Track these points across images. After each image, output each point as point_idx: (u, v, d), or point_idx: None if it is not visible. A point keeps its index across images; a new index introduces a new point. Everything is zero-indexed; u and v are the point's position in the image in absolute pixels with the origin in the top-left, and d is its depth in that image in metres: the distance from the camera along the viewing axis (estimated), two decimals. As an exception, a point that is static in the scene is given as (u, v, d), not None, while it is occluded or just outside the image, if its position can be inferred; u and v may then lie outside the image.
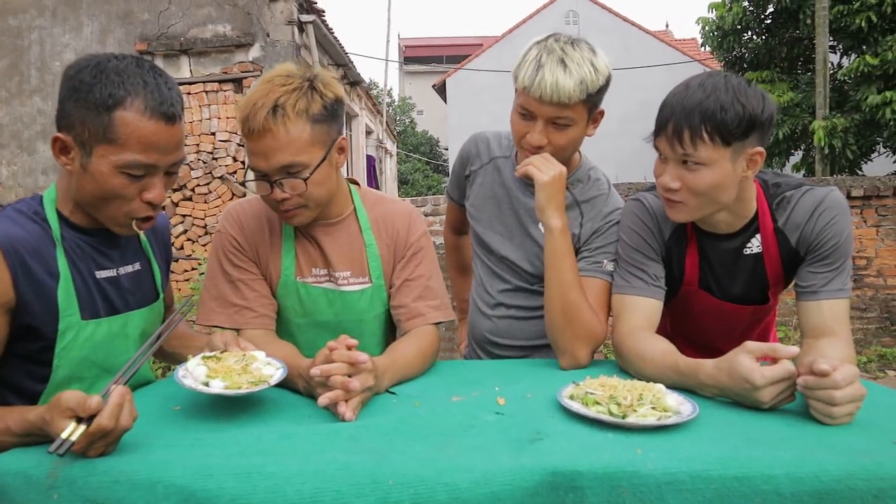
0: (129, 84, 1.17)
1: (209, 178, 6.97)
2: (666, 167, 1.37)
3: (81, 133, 1.18)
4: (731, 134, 1.28)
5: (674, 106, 1.31)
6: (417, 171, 28.09)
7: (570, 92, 1.45)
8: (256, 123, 1.35)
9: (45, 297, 1.22)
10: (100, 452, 0.99)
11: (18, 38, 7.23)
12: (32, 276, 1.20)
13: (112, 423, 0.97)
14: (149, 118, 1.18)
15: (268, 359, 1.27)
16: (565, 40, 1.50)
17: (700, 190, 1.33)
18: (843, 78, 10.00)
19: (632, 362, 1.40)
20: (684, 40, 23.97)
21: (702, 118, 1.27)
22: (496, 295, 1.79)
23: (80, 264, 1.29)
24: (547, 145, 1.53)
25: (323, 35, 7.85)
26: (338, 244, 1.57)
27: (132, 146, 1.17)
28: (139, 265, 1.43)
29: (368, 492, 0.89)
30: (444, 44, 41.32)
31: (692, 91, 1.30)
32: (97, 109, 1.16)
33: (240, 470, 0.93)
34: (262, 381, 1.17)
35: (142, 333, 1.40)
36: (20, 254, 1.18)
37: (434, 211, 6.28)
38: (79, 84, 1.17)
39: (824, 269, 1.39)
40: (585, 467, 0.92)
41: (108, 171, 1.19)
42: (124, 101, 1.16)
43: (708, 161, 1.30)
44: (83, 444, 0.97)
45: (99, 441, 0.98)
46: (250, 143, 1.38)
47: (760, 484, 0.90)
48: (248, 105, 1.36)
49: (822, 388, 1.08)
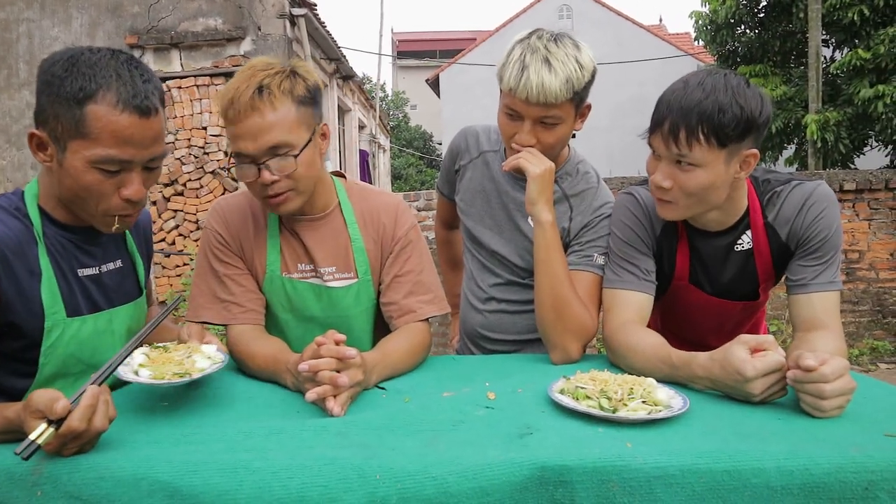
0: (100, 77, 1.13)
1: (201, 173, 6.94)
2: (659, 164, 1.36)
3: (55, 128, 1.15)
4: (728, 136, 1.27)
5: (671, 104, 1.29)
6: (411, 166, 28.02)
7: (556, 92, 1.44)
8: (242, 105, 1.33)
9: (27, 295, 1.20)
10: (74, 452, 0.98)
11: (6, 31, 7.16)
12: (14, 274, 1.18)
13: (83, 425, 0.95)
14: (121, 111, 1.13)
15: (212, 353, 1.25)
16: (548, 37, 1.48)
17: (691, 190, 1.32)
18: (835, 72, 10.02)
19: (623, 356, 1.40)
20: (678, 34, 24.00)
21: (699, 119, 1.26)
22: (487, 289, 1.78)
23: (62, 262, 1.26)
24: (536, 144, 1.52)
25: (315, 29, 7.81)
26: (322, 240, 1.55)
27: (105, 141, 1.14)
28: (121, 262, 1.40)
29: (356, 486, 0.88)
30: (438, 38, 41.20)
31: (691, 90, 1.28)
32: (69, 103, 1.13)
33: (226, 466, 0.92)
34: (186, 373, 1.15)
35: (127, 329, 1.39)
36: (2, 251, 1.16)
37: (427, 206, 6.27)
38: (51, 78, 1.14)
39: (814, 262, 1.39)
40: (575, 462, 0.91)
41: (82, 167, 1.15)
42: (95, 94, 1.13)
43: (702, 162, 1.29)
44: (54, 446, 0.95)
45: (72, 442, 0.96)
46: (236, 126, 1.36)
47: (750, 477, 0.90)
48: (231, 90, 1.35)
49: (812, 381, 1.08)
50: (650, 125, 1.36)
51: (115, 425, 1.10)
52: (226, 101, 1.35)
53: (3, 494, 0.94)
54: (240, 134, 1.36)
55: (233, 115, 1.35)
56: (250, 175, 1.39)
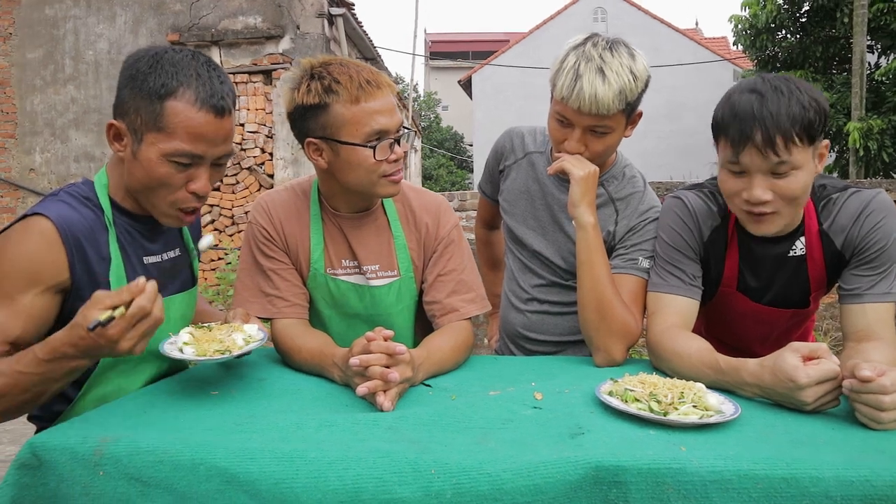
0: (182, 75, 1.20)
1: (237, 169, 7.05)
2: (749, 181, 1.31)
3: (134, 120, 1.22)
4: (817, 131, 1.27)
5: (756, 116, 1.27)
6: (441, 167, 28.08)
7: (608, 104, 1.43)
8: (379, 81, 1.40)
9: (96, 281, 1.24)
10: (133, 344, 1.04)
11: (54, 28, 7.37)
12: (87, 260, 1.23)
13: (150, 305, 1.02)
14: (198, 109, 1.20)
15: (253, 332, 1.30)
16: (604, 45, 1.47)
17: (795, 194, 1.30)
18: (879, 78, 9.78)
19: (667, 360, 1.38)
20: (714, 39, 23.66)
21: (791, 122, 1.25)
22: (529, 290, 1.78)
23: (129, 250, 1.32)
24: (584, 152, 1.52)
25: (352, 28, 7.88)
26: (365, 238, 1.57)
27: (180, 135, 1.20)
28: (179, 251, 1.46)
29: (411, 480, 0.89)
30: (471, 39, 41.19)
31: (770, 97, 1.27)
32: (150, 98, 1.20)
33: (282, 454, 0.94)
34: (227, 350, 1.21)
35: (181, 316, 1.43)
36: (77, 237, 1.22)
37: (461, 206, 6.26)
38: (136, 73, 1.21)
39: (870, 272, 1.36)
40: (629, 463, 0.91)
41: (156, 159, 1.22)
42: (176, 91, 1.19)
43: (800, 164, 1.28)
44: (122, 327, 1.01)
45: (136, 327, 1.03)
46: (372, 102, 1.39)
47: (809, 486, 0.88)
48: (348, 72, 1.39)
49: (870, 392, 1.06)
50: (732, 143, 1.30)
51: (172, 411, 1.13)
52: (353, 81, 1.38)
53: (68, 472, 0.97)
54: (378, 110, 1.40)
55: (368, 92, 1.39)
56: (384, 152, 1.42)
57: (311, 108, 1.40)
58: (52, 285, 1.19)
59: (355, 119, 1.38)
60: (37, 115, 7.44)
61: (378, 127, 1.39)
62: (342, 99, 1.37)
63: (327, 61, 1.42)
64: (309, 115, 1.41)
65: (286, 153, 7.02)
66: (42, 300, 1.19)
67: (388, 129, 1.40)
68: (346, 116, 1.38)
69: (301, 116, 1.43)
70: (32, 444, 1.00)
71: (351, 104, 1.38)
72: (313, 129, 1.42)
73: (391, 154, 1.42)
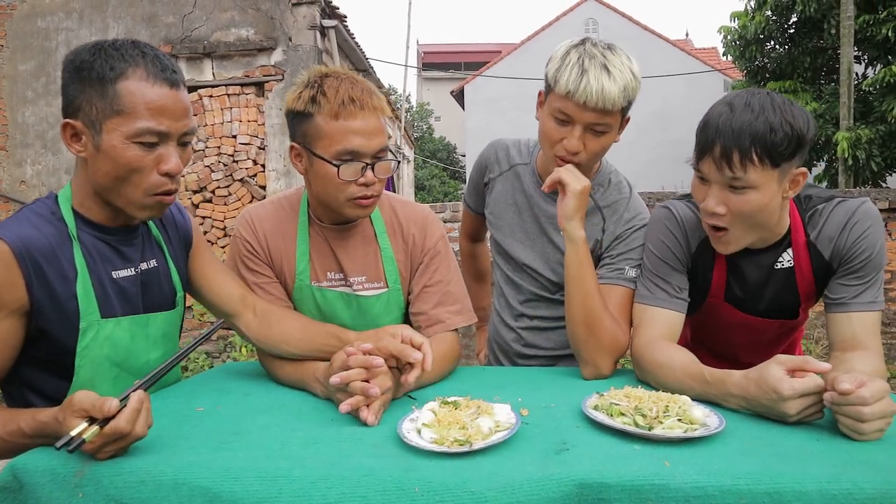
0: (128, 55, 1.18)
1: (229, 181, 7.04)
2: (709, 190, 1.33)
3: (89, 112, 1.18)
4: (781, 155, 1.25)
5: (719, 127, 1.27)
6: (434, 178, 28.11)
7: (614, 98, 1.44)
8: (364, 102, 1.39)
9: (59, 300, 1.21)
10: (109, 456, 1.00)
11: (46, 40, 7.36)
12: (47, 280, 1.19)
13: (129, 427, 0.98)
14: (153, 83, 1.18)
15: (504, 415, 1.13)
16: (603, 46, 1.49)
17: (746, 212, 1.30)
18: (867, 88, 9.87)
19: (652, 373, 1.38)
20: (704, 49, 23.85)
21: (752, 140, 1.24)
22: (517, 306, 1.78)
23: (97, 264, 1.28)
24: (582, 151, 1.51)
25: (344, 40, 7.91)
26: (351, 249, 1.56)
27: (141, 113, 1.17)
28: (156, 262, 1.40)
29: (395, 498, 0.88)
30: (463, 50, 41.39)
31: (739, 112, 1.26)
32: (101, 84, 1.17)
33: (265, 473, 0.93)
34: (467, 441, 1.02)
35: (164, 335, 1.39)
36: (34, 257, 1.18)
37: (453, 217, 6.27)
38: (80, 64, 1.18)
39: (856, 281, 1.37)
40: (613, 479, 0.91)
41: (121, 145, 1.18)
42: (126, 71, 1.17)
43: (757, 184, 1.27)
44: (96, 445, 0.97)
45: (112, 444, 0.98)
46: (351, 121, 1.39)
47: (792, 500, 0.88)
48: (337, 87, 1.39)
49: (850, 403, 1.06)
50: (697, 151, 1.33)
51: (154, 430, 1.12)
52: (337, 97, 1.38)
53: (47, 495, 0.96)
54: (354, 130, 1.39)
55: (351, 110, 1.39)
56: (353, 174, 1.41)
57: (298, 114, 1.43)
58: (14, 309, 1.17)
59: (331, 134, 1.39)
60: (28, 127, 7.42)
61: (351, 147, 1.39)
62: (324, 112, 1.39)
63: (327, 73, 1.44)
64: (296, 120, 1.44)
65: (278, 165, 7.02)
66: (5, 324, 1.16)
67: (361, 151, 1.40)
68: (324, 130, 1.40)
69: (291, 120, 1.46)
70: (13, 466, 0.99)
71: (331, 118, 1.39)
72: (298, 134, 1.45)
73: (360, 177, 1.42)
